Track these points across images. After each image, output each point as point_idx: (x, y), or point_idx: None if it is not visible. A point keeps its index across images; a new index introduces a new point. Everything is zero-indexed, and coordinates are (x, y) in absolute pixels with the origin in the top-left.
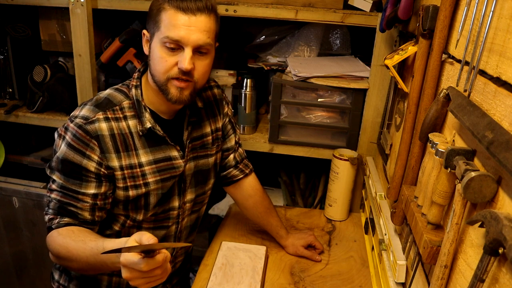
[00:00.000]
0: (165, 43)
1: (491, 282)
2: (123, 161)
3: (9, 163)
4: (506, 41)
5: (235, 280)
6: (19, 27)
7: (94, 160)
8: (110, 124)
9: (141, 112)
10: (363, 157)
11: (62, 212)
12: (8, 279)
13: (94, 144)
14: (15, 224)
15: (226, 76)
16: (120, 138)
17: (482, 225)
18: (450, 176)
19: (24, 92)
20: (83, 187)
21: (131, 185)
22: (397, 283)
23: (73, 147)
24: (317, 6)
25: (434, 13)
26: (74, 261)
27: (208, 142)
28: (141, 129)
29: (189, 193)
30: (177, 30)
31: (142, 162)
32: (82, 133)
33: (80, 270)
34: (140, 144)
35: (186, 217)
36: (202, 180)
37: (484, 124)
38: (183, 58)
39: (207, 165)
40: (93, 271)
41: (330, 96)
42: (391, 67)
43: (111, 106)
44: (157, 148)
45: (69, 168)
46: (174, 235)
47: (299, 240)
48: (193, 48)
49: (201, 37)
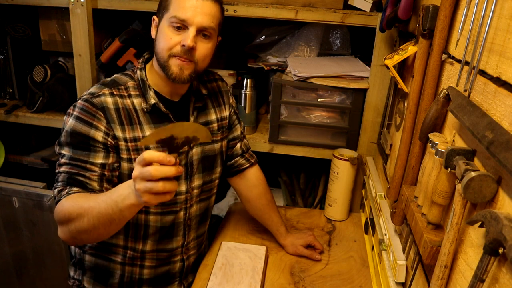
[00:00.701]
0: (172, 22)
1: (491, 282)
2: (127, 134)
3: (9, 163)
4: (506, 41)
5: (235, 280)
6: (19, 27)
7: (101, 130)
8: (115, 99)
9: (145, 90)
10: (363, 157)
11: (71, 182)
12: (8, 279)
13: (100, 115)
14: (15, 224)
15: (226, 76)
16: (124, 112)
17: (482, 225)
18: (450, 176)
19: (24, 92)
20: (91, 157)
21: (135, 157)
22: (397, 283)
23: (80, 119)
24: (317, 6)
25: (434, 13)
26: (85, 215)
27: (214, 129)
28: (146, 106)
29: (197, 178)
30: (185, 10)
31: (146, 136)
32: (89, 105)
33: (90, 230)
34: (144, 119)
35: (194, 204)
36: (209, 166)
37: (484, 124)
38: (186, 36)
39: (213, 151)
40: (103, 227)
41: (330, 96)
42: (391, 67)
43: (116, 85)
44: (161, 125)
45: (77, 139)
46: (183, 221)
47: (298, 239)
48: (197, 29)
49: (205, 19)
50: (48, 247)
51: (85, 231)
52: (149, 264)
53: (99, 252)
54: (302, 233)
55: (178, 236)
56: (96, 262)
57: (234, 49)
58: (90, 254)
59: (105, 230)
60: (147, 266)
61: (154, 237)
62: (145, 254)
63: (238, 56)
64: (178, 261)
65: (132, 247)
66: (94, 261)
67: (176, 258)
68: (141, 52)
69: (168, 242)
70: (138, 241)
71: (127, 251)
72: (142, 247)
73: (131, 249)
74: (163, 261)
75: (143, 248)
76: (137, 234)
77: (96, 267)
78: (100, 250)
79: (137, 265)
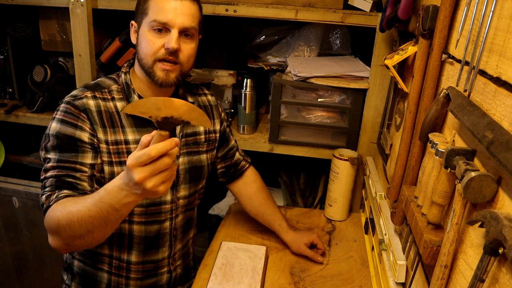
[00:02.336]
0: (153, 26)
1: (491, 282)
2: (109, 137)
3: (9, 163)
4: (506, 41)
5: (235, 280)
6: (19, 27)
7: (86, 130)
8: (98, 102)
9: (129, 93)
10: (363, 157)
11: (60, 185)
12: (8, 279)
13: (83, 117)
14: (15, 224)
15: (226, 76)
16: (106, 115)
17: (482, 225)
18: (450, 176)
19: (24, 92)
20: (79, 157)
21: (116, 161)
22: (397, 283)
23: (64, 121)
24: (317, 6)
25: (434, 13)
26: (76, 221)
27: (200, 140)
28: None
29: (183, 189)
30: (165, 13)
31: (128, 139)
32: (71, 107)
33: (84, 235)
34: (127, 123)
35: (180, 214)
36: (196, 177)
37: (484, 124)
38: (169, 38)
39: (200, 161)
40: (99, 230)
41: (330, 96)
42: (391, 67)
43: (99, 89)
44: (144, 130)
45: (63, 141)
46: (169, 232)
47: (302, 237)
48: (179, 30)
49: (186, 20)
50: (48, 247)
51: (79, 236)
52: (135, 276)
53: (86, 260)
54: (306, 231)
55: (164, 247)
56: (84, 269)
57: (234, 49)
58: (78, 260)
59: (101, 232)
60: (133, 278)
61: (139, 247)
62: (131, 266)
63: (238, 56)
64: (165, 272)
65: (117, 256)
66: (82, 267)
67: (163, 269)
68: None
69: (154, 253)
70: (123, 251)
71: (113, 261)
72: (127, 257)
73: (116, 258)
74: (150, 273)
75: (128, 259)
76: (122, 243)
77: (84, 274)
78: (87, 258)
79: (123, 276)
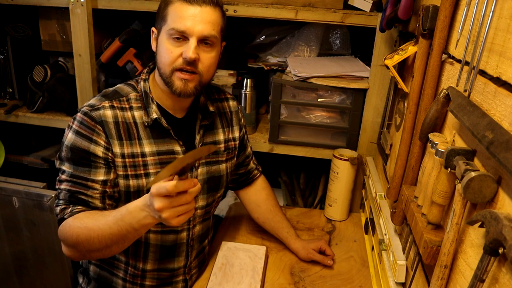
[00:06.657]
0: (171, 34)
1: (491, 282)
2: (125, 149)
3: (9, 163)
4: (506, 41)
5: (235, 280)
6: (19, 27)
7: (101, 145)
8: (115, 112)
9: (148, 103)
10: (363, 157)
11: (73, 201)
12: (8, 279)
13: (99, 129)
14: (15, 224)
15: (226, 76)
16: (123, 127)
17: (482, 225)
18: (450, 176)
19: (24, 92)
20: (92, 173)
21: (132, 174)
22: (397, 283)
23: (79, 133)
24: (317, 6)
25: (434, 13)
26: (96, 237)
27: (220, 149)
28: (147, 120)
29: (201, 199)
30: (183, 21)
31: (145, 152)
32: (87, 119)
33: (103, 249)
34: (144, 134)
35: (197, 224)
36: (214, 187)
37: (484, 124)
38: (187, 47)
39: (219, 171)
40: (116, 245)
41: (330, 96)
42: (391, 67)
43: (118, 97)
44: (161, 141)
45: (77, 155)
46: (186, 242)
47: (310, 243)
48: (198, 39)
49: (206, 28)
50: (48, 247)
51: (97, 250)
52: (149, 284)
53: (103, 265)
54: (313, 239)
55: (181, 257)
56: (100, 274)
57: (234, 49)
58: (95, 265)
59: (118, 247)
60: (147, 286)
61: (154, 255)
62: (146, 273)
63: (238, 56)
64: (180, 281)
65: (133, 264)
66: (98, 273)
67: (178, 278)
68: (141, 52)
69: (170, 262)
70: (139, 259)
71: (129, 268)
72: (143, 266)
73: (132, 266)
74: (165, 281)
75: (143, 267)
76: (137, 251)
77: (100, 279)
78: (104, 263)
79: (138, 284)
